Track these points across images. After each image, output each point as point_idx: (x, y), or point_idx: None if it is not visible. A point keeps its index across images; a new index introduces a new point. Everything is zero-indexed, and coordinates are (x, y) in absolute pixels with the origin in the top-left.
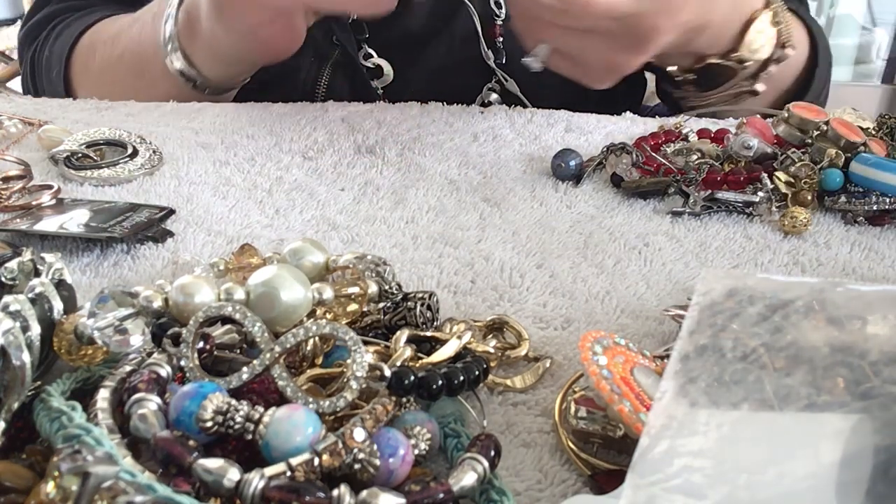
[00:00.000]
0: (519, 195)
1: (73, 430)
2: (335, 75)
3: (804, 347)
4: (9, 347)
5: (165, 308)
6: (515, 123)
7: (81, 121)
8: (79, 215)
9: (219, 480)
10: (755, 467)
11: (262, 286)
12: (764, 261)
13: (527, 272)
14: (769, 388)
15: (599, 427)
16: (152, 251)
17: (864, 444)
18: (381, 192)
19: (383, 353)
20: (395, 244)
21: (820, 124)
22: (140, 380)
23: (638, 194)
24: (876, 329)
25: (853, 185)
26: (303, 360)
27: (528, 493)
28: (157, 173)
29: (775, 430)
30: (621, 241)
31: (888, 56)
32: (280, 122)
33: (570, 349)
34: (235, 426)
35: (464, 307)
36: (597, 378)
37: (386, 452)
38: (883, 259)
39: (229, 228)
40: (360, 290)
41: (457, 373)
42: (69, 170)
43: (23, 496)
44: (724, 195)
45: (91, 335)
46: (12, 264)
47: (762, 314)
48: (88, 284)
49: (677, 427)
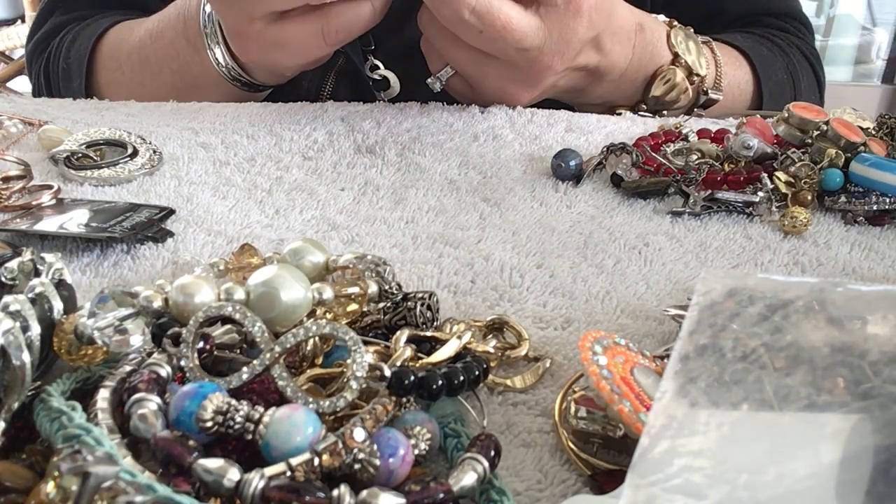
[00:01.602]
0: (519, 195)
1: (73, 430)
2: (339, 84)
3: (804, 347)
4: (9, 347)
5: (165, 308)
6: (515, 123)
7: (81, 121)
8: (79, 215)
9: (219, 480)
10: (755, 467)
11: (262, 286)
12: (764, 261)
13: (527, 272)
14: (769, 388)
15: (599, 427)
16: (152, 251)
17: (864, 444)
18: (381, 192)
19: (383, 353)
20: (395, 244)
21: (820, 124)
22: (140, 380)
23: (638, 194)
24: (876, 329)
25: (853, 185)
26: (303, 360)
27: (528, 493)
28: (157, 173)
29: (775, 430)
30: (621, 241)
31: (888, 56)
32: (280, 122)
33: (570, 349)
34: (235, 426)
35: (464, 307)
36: (597, 378)
37: (386, 452)
38: (883, 259)
39: (229, 228)
40: (360, 290)
41: (457, 373)
42: (69, 170)
43: (23, 496)
44: (724, 195)
45: (91, 335)
46: (12, 264)
47: (762, 314)
48: (88, 284)
49: (677, 427)
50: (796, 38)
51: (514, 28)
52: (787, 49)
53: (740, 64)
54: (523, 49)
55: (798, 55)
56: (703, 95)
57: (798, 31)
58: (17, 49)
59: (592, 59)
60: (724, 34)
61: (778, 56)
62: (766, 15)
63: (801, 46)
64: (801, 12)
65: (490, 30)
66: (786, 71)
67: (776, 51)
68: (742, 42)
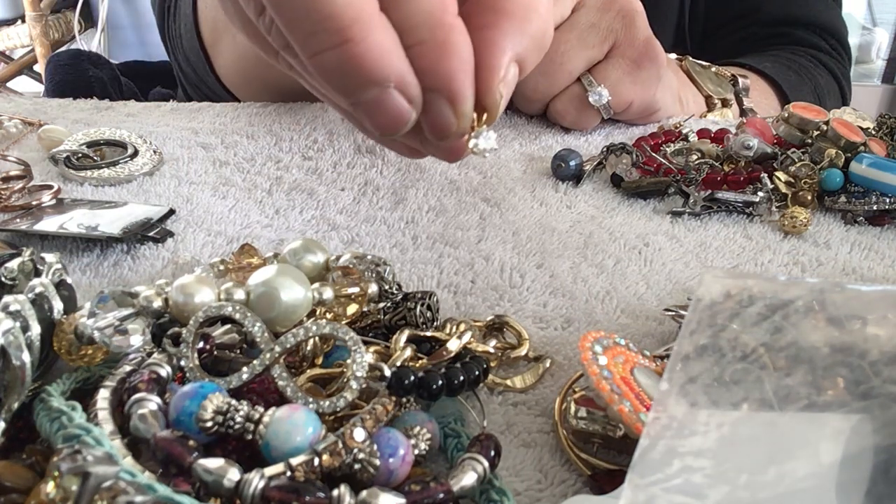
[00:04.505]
0: (519, 195)
1: (73, 430)
2: None
3: (804, 347)
4: (9, 347)
5: (165, 308)
6: (515, 123)
7: (81, 121)
8: (79, 215)
9: (219, 480)
10: (755, 467)
11: (262, 286)
12: (764, 261)
13: (527, 272)
14: (769, 388)
15: (599, 427)
16: (152, 251)
17: (864, 444)
18: (381, 192)
19: (383, 353)
20: (395, 244)
21: (820, 124)
22: (140, 380)
23: (638, 194)
24: (876, 329)
25: (853, 185)
26: (303, 360)
27: (528, 493)
28: (157, 173)
29: (775, 430)
30: (621, 241)
31: (888, 56)
32: (280, 122)
33: (570, 349)
34: (235, 426)
35: (464, 307)
36: (597, 378)
37: (386, 452)
38: (883, 259)
39: (229, 228)
40: (360, 290)
41: (457, 373)
42: (69, 170)
43: (23, 496)
44: (724, 195)
45: (91, 335)
46: (12, 264)
47: (762, 314)
48: (88, 284)
49: (677, 427)
50: (828, 55)
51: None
52: (815, 70)
53: (768, 95)
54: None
55: (826, 76)
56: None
57: (833, 48)
58: (17, 49)
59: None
60: (754, 56)
61: (805, 80)
62: (804, 25)
63: (831, 65)
64: (841, 30)
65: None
66: (813, 94)
67: (804, 73)
68: (771, 69)
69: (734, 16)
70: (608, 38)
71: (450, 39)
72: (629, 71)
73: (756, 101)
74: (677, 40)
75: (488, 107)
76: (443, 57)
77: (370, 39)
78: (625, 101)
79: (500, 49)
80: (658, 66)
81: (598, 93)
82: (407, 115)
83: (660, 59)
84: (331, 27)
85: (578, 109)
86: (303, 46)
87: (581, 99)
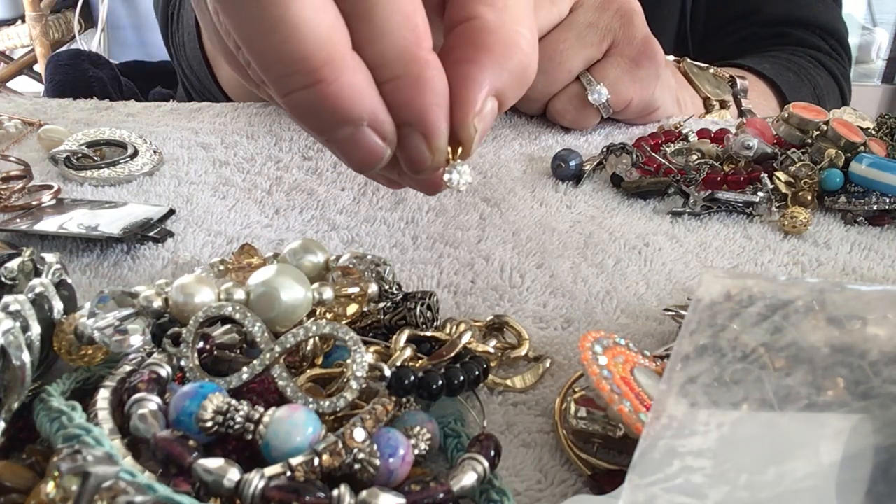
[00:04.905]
0: (519, 195)
1: (73, 430)
2: None
3: (804, 347)
4: (9, 347)
5: (165, 308)
6: (515, 123)
7: (81, 121)
8: (79, 215)
9: (219, 480)
10: (755, 467)
11: (262, 286)
12: (764, 261)
13: (527, 272)
14: (769, 388)
15: (599, 427)
16: (152, 251)
17: (864, 444)
18: (381, 191)
19: (383, 353)
20: (395, 244)
21: (820, 124)
22: (140, 380)
23: (638, 194)
24: (876, 329)
25: (853, 185)
26: (303, 360)
27: (528, 493)
28: (157, 173)
29: (775, 430)
30: (621, 242)
31: (888, 56)
32: (280, 122)
33: (570, 349)
34: (235, 426)
35: (464, 307)
36: (597, 378)
37: (386, 452)
38: (883, 259)
39: (229, 228)
40: (360, 290)
41: (457, 373)
42: (69, 170)
43: (23, 496)
44: (724, 195)
45: (91, 335)
46: (12, 264)
47: (762, 314)
48: (88, 284)
49: (677, 427)
50: (828, 56)
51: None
52: (814, 71)
53: (767, 96)
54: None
55: (826, 76)
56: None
57: (833, 49)
58: (18, 49)
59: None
60: (753, 57)
61: (804, 80)
62: (804, 25)
63: (831, 66)
64: (841, 31)
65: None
66: (812, 95)
67: (803, 74)
68: (770, 70)
69: (735, 16)
70: (607, 36)
71: (424, 75)
72: (628, 69)
73: (754, 103)
74: (679, 41)
75: (463, 141)
76: (417, 92)
77: (342, 80)
78: (624, 100)
79: (477, 83)
80: (657, 64)
81: (598, 91)
82: (381, 152)
83: (658, 58)
84: (303, 69)
85: (578, 108)
86: (276, 86)
87: (580, 98)
